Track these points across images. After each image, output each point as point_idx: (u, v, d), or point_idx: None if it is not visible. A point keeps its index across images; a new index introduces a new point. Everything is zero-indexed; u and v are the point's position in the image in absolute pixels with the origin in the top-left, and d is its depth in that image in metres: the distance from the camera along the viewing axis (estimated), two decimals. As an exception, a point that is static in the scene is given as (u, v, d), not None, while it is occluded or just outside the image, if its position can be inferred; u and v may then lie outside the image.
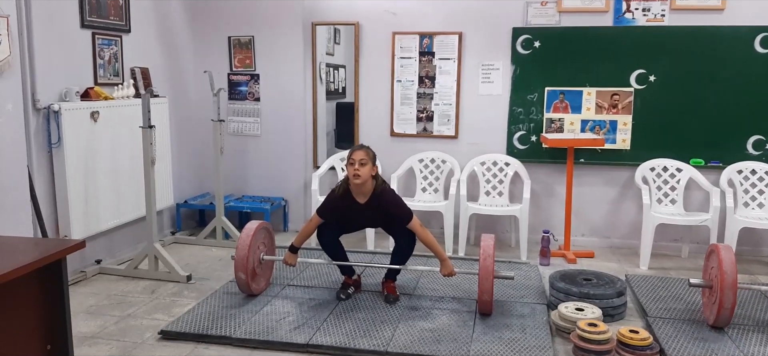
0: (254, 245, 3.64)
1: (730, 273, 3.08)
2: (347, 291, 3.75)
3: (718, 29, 4.67)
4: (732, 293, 3.08)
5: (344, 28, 5.40)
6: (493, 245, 3.44)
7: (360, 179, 3.46)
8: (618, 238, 5.07)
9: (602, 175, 5.02)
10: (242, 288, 3.67)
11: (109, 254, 4.46)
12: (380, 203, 3.57)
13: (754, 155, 4.72)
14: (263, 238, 3.80)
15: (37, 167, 3.82)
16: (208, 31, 5.40)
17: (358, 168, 3.44)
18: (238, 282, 3.64)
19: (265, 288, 3.85)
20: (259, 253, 3.73)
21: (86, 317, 3.49)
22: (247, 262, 3.56)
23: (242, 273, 3.57)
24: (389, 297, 3.68)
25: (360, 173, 3.45)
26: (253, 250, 3.64)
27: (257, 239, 3.69)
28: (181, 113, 5.29)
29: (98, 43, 4.30)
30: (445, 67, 5.13)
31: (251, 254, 3.60)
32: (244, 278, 3.59)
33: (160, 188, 4.59)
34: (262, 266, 3.77)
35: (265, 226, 3.81)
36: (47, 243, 2.65)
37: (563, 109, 4.96)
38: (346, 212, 3.64)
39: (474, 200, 5.01)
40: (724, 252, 3.17)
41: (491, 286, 3.34)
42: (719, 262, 3.14)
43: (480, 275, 3.35)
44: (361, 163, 3.44)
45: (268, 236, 3.87)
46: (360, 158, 3.45)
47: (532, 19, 4.94)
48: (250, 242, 3.58)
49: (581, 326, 3.04)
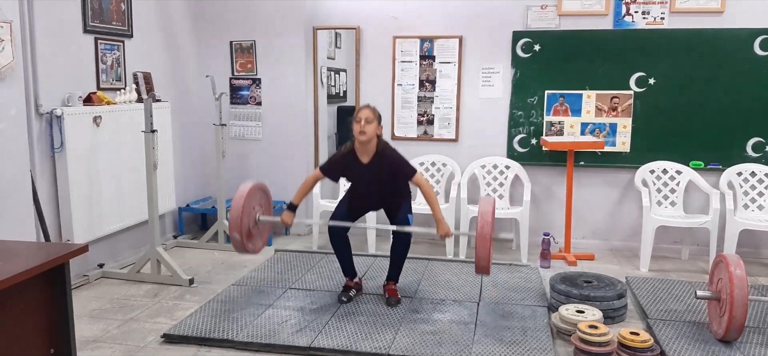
0: (249, 206, 3.51)
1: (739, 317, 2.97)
2: (349, 293, 3.77)
3: (718, 32, 4.68)
4: (740, 324, 3.01)
5: (345, 32, 5.42)
6: (492, 210, 3.27)
7: (365, 137, 3.49)
8: (618, 240, 5.09)
9: (602, 177, 5.04)
10: (238, 248, 3.53)
11: (112, 258, 4.48)
12: (383, 161, 3.58)
13: (754, 157, 4.74)
14: (259, 199, 3.67)
15: (39, 171, 3.85)
16: (210, 36, 5.42)
17: (364, 126, 3.47)
18: (233, 243, 3.51)
19: (262, 248, 3.73)
20: (255, 213, 3.60)
21: (89, 321, 3.51)
22: (240, 223, 3.43)
23: (237, 232, 3.44)
24: (390, 300, 3.70)
25: (366, 131, 3.47)
26: (248, 211, 3.51)
27: (252, 200, 3.56)
28: (183, 117, 5.32)
29: (101, 48, 4.33)
30: (445, 71, 5.15)
31: (245, 215, 3.47)
32: (238, 238, 3.45)
33: (163, 192, 4.61)
34: (258, 226, 3.63)
35: (260, 186, 3.69)
36: (50, 248, 2.67)
37: (563, 112, 4.98)
38: (349, 170, 3.66)
39: (475, 202, 5.01)
40: (736, 277, 2.99)
41: (488, 251, 3.20)
42: (731, 294, 2.99)
43: (477, 239, 3.19)
44: (367, 120, 3.48)
45: (264, 196, 3.73)
46: (366, 116, 3.49)
47: (532, 22, 4.96)
48: (243, 202, 3.45)
49: (582, 328, 3.05)
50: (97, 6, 4.28)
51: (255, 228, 3.62)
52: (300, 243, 5.23)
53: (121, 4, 4.53)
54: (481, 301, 3.76)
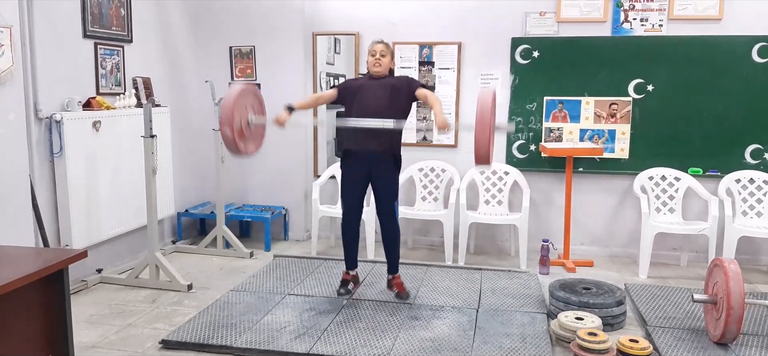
0: (241, 104, 3.44)
1: (737, 308, 2.99)
2: (347, 287, 3.89)
3: (716, 39, 4.70)
4: (737, 322, 3.02)
5: (344, 38, 5.43)
6: (492, 100, 3.24)
7: (381, 69, 3.68)
8: (617, 247, 5.09)
9: (601, 184, 5.04)
10: (229, 145, 3.44)
11: (110, 263, 4.48)
12: (393, 79, 3.75)
13: (752, 164, 4.75)
14: (252, 101, 3.60)
15: (38, 176, 3.84)
16: (210, 41, 5.43)
17: (379, 59, 3.67)
18: (225, 140, 3.43)
19: (255, 152, 3.66)
20: (247, 113, 3.52)
21: (87, 326, 3.50)
22: (232, 118, 3.34)
23: (228, 128, 3.35)
24: (400, 295, 3.82)
25: (381, 64, 3.67)
26: (240, 108, 3.43)
27: (244, 99, 3.49)
28: (183, 122, 5.32)
29: (100, 53, 4.33)
30: (444, 77, 5.16)
31: (237, 111, 3.40)
32: (229, 134, 3.36)
33: (162, 197, 4.60)
34: (251, 129, 3.55)
35: (252, 89, 3.63)
36: (49, 253, 2.67)
37: (562, 118, 4.99)
38: (361, 85, 3.73)
39: (474, 209, 5.02)
40: (731, 276, 3.03)
41: (488, 139, 3.16)
42: (727, 290, 3.02)
43: (476, 127, 3.16)
44: (382, 54, 3.66)
45: (256, 101, 3.66)
46: (381, 50, 3.67)
47: (531, 29, 4.97)
48: (235, 97, 3.38)
49: (581, 335, 3.05)
50: (96, 11, 4.28)
51: (247, 130, 3.53)
52: (299, 249, 5.23)
53: (121, 10, 4.54)
54: (480, 308, 3.75)
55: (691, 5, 4.73)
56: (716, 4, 4.69)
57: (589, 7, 4.86)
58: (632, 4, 4.81)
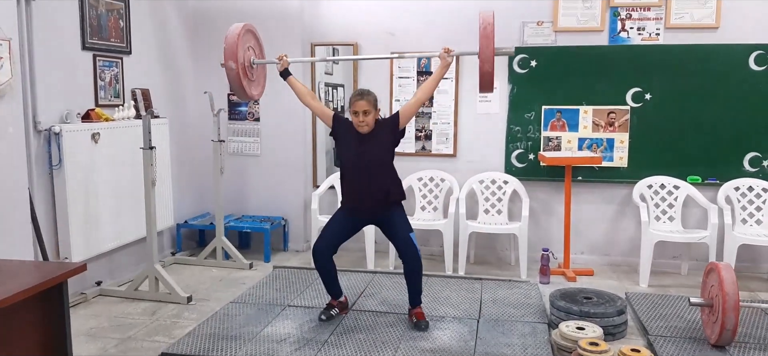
0: (244, 42, 3.36)
1: (732, 295, 3.05)
2: (330, 311, 3.68)
3: (713, 47, 4.72)
4: (734, 314, 3.05)
5: (343, 48, 5.45)
6: (492, 21, 3.25)
7: (366, 129, 3.41)
8: (617, 255, 5.08)
9: (600, 193, 5.04)
10: (234, 81, 3.32)
11: (110, 276, 4.46)
12: (379, 127, 3.49)
13: (751, 172, 4.75)
14: (253, 43, 3.53)
15: (37, 188, 3.83)
16: (208, 52, 5.43)
17: (363, 119, 3.39)
18: (229, 76, 3.32)
19: (258, 96, 3.59)
20: (250, 55, 3.45)
21: (87, 339, 3.48)
22: (237, 51, 3.26)
23: (232, 62, 3.26)
24: (420, 324, 3.54)
25: (368, 123, 3.40)
26: (242, 46, 3.36)
27: (247, 39, 3.41)
28: (182, 133, 5.31)
29: (99, 65, 4.34)
30: (443, 87, 5.17)
31: (241, 48, 3.31)
32: (234, 68, 3.27)
33: (161, 209, 4.59)
34: (254, 70, 3.47)
35: (252, 29, 3.56)
36: (48, 267, 2.66)
37: (560, 127, 5.00)
38: (349, 133, 3.49)
39: (473, 218, 5.02)
40: (724, 272, 3.13)
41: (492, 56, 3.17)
42: (720, 282, 3.10)
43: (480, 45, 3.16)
44: (365, 113, 3.38)
45: (257, 43, 3.60)
46: (363, 109, 3.37)
47: (529, 38, 4.99)
48: (239, 31, 3.31)
49: (582, 345, 3.04)
50: (95, 23, 4.29)
51: (250, 70, 3.46)
52: (299, 260, 5.22)
53: (120, 21, 4.54)
54: (481, 318, 3.74)
55: (688, 14, 4.75)
56: (713, 13, 4.71)
57: (587, 17, 4.88)
58: (629, 13, 4.83)
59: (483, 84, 3.34)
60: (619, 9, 4.84)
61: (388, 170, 3.52)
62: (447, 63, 3.50)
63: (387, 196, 3.48)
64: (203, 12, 5.40)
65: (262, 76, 3.70)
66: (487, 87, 3.35)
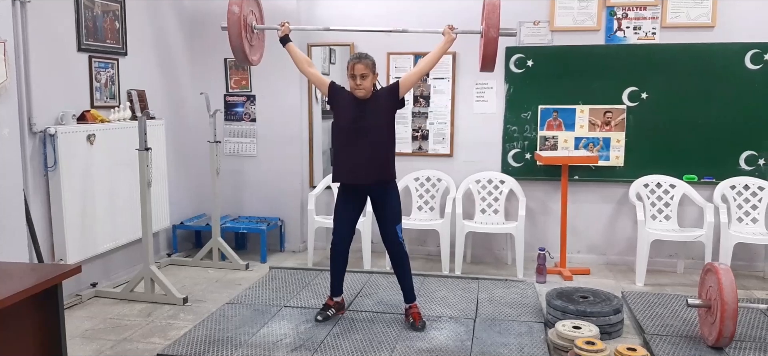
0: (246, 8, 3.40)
1: (732, 303, 3.02)
2: (326, 312, 3.69)
3: (709, 46, 4.73)
4: (732, 322, 3.04)
5: (339, 48, 5.44)
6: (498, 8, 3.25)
7: (364, 92, 3.41)
8: (613, 254, 5.09)
9: (597, 192, 5.05)
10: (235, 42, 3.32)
11: (105, 277, 4.45)
12: (379, 95, 3.50)
13: (747, 171, 4.76)
14: (252, 7, 3.55)
15: (32, 190, 3.82)
16: (204, 53, 5.43)
17: (360, 82, 3.38)
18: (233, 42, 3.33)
19: (258, 61, 3.68)
20: (250, 21, 3.47)
21: (82, 341, 3.47)
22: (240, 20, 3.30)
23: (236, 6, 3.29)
24: (415, 325, 3.55)
25: (364, 87, 3.39)
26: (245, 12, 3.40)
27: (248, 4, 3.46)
28: (178, 134, 5.30)
29: (95, 66, 4.32)
30: (439, 87, 5.17)
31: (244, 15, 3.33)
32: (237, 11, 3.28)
33: (157, 210, 4.59)
34: (253, 35, 3.49)
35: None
36: (43, 269, 2.65)
37: (557, 126, 5.00)
38: (346, 100, 3.50)
39: (470, 218, 5.02)
40: (724, 278, 3.07)
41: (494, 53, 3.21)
42: (720, 290, 3.05)
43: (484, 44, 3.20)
44: (362, 77, 3.37)
45: (256, 5, 3.62)
46: (361, 71, 3.36)
47: (525, 38, 4.99)
48: None
49: (579, 344, 3.04)
50: (91, 24, 4.28)
51: (251, 37, 3.50)
52: (295, 260, 5.21)
53: (116, 23, 4.54)
54: (478, 318, 3.74)
55: (684, 13, 4.76)
56: (709, 12, 4.72)
57: (583, 16, 4.89)
58: (625, 12, 4.84)
59: (485, 61, 3.27)
60: (615, 8, 4.85)
61: (385, 139, 3.49)
62: (451, 39, 3.51)
63: (381, 164, 3.46)
64: (199, 13, 5.39)
65: (261, 43, 3.70)
66: (489, 65, 3.29)
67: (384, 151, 3.50)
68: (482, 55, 3.31)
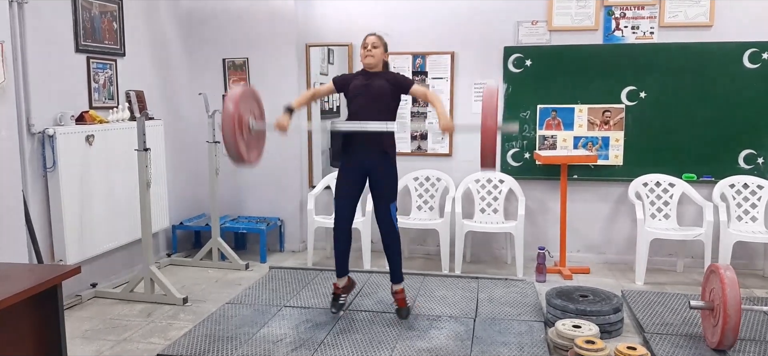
0: (242, 108, 3.31)
1: (734, 315, 2.99)
2: (338, 301, 3.75)
3: (707, 45, 4.73)
4: (733, 334, 3.03)
5: (338, 49, 5.44)
6: (495, 99, 3.24)
7: (373, 60, 3.59)
8: (613, 253, 5.09)
9: (596, 191, 5.05)
10: (232, 153, 3.27)
11: (105, 278, 4.44)
12: (386, 75, 3.65)
13: (746, 169, 4.77)
14: (251, 106, 3.49)
15: (31, 191, 3.82)
16: (203, 54, 5.42)
17: (371, 50, 3.59)
18: (228, 146, 3.26)
19: (257, 160, 3.55)
20: (248, 119, 3.41)
21: (82, 342, 3.47)
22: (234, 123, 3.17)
23: (231, 134, 3.17)
24: (401, 311, 3.67)
25: (373, 54, 3.59)
26: (241, 112, 3.29)
27: (245, 103, 3.36)
28: (177, 135, 5.30)
29: (93, 67, 4.32)
30: (438, 87, 5.17)
31: (239, 117, 3.24)
32: (232, 142, 3.17)
33: (156, 210, 4.58)
34: (252, 135, 3.43)
35: (252, 92, 3.57)
36: (42, 270, 2.65)
37: (556, 126, 5.00)
38: (355, 80, 3.66)
39: (469, 217, 5.02)
40: (729, 290, 3.02)
41: (494, 142, 3.19)
42: (724, 299, 3.02)
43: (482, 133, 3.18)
44: (374, 46, 3.59)
45: (256, 105, 3.57)
46: (372, 41, 3.60)
47: (523, 38, 4.99)
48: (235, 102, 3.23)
49: (579, 343, 3.04)
50: (89, 25, 4.27)
51: (249, 136, 3.41)
52: (295, 260, 5.21)
53: (114, 23, 4.53)
54: (478, 317, 3.74)
55: (682, 12, 4.76)
56: (707, 11, 4.73)
57: (581, 16, 4.89)
58: (623, 12, 4.84)
59: (485, 155, 3.23)
60: (613, 8, 4.85)
61: (389, 111, 3.61)
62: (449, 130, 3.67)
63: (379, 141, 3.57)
64: (197, 13, 5.38)
65: (261, 141, 3.61)
66: (490, 160, 3.24)
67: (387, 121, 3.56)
68: (481, 147, 3.20)
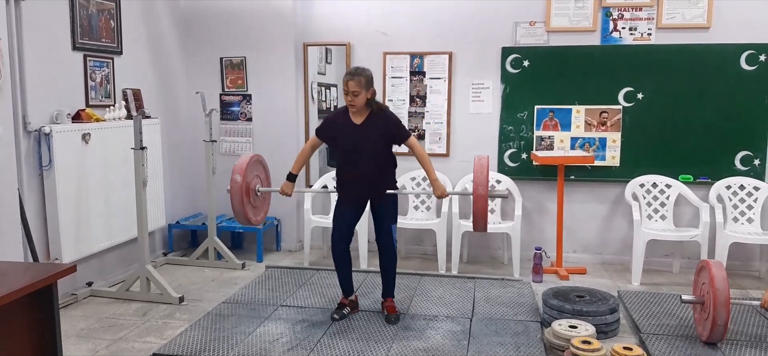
0: (250, 174, 3.68)
1: (723, 290, 3.08)
2: (342, 311, 3.72)
3: (704, 47, 4.74)
4: (725, 310, 3.08)
5: (336, 48, 5.44)
6: (486, 169, 3.43)
7: (355, 108, 3.50)
8: (609, 254, 5.10)
9: (593, 192, 5.06)
10: (240, 217, 3.66)
11: (101, 277, 4.43)
12: (377, 121, 3.54)
13: (742, 171, 4.78)
14: (258, 172, 3.81)
15: (27, 189, 3.80)
16: (200, 53, 5.41)
17: (352, 99, 3.46)
18: (236, 211, 3.62)
19: (262, 220, 3.89)
20: (254, 185, 3.74)
21: (77, 341, 3.46)
22: (242, 190, 3.58)
23: (239, 200, 3.58)
24: (390, 317, 3.65)
25: (355, 103, 3.47)
26: (249, 179, 3.67)
27: (252, 170, 3.72)
28: (173, 134, 5.29)
29: (90, 65, 4.31)
30: (436, 87, 5.17)
31: (247, 183, 3.62)
32: (241, 207, 3.59)
33: (152, 209, 4.57)
34: (258, 197, 3.79)
35: (257, 158, 3.83)
36: (37, 268, 2.64)
37: (553, 127, 5.00)
38: (341, 130, 3.56)
39: (466, 217, 5.01)
40: (715, 269, 3.15)
41: (485, 209, 3.42)
42: (711, 279, 3.13)
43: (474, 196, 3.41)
44: (354, 95, 3.44)
45: (262, 170, 3.89)
46: (353, 89, 3.43)
47: (521, 38, 5.00)
48: (244, 169, 3.61)
49: (575, 344, 3.05)
50: (86, 23, 4.26)
51: (255, 199, 3.75)
52: (291, 259, 5.20)
53: (111, 21, 4.52)
54: (474, 316, 3.74)
55: (680, 14, 4.77)
56: (704, 13, 4.74)
57: (579, 17, 4.90)
58: (621, 13, 4.85)
59: (476, 219, 3.50)
60: (611, 9, 4.86)
61: (384, 159, 3.60)
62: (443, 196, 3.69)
63: (381, 180, 3.58)
64: (195, 12, 5.38)
65: (266, 202, 3.95)
66: (481, 223, 3.49)
67: (384, 166, 3.61)
68: (473, 212, 3.47)
